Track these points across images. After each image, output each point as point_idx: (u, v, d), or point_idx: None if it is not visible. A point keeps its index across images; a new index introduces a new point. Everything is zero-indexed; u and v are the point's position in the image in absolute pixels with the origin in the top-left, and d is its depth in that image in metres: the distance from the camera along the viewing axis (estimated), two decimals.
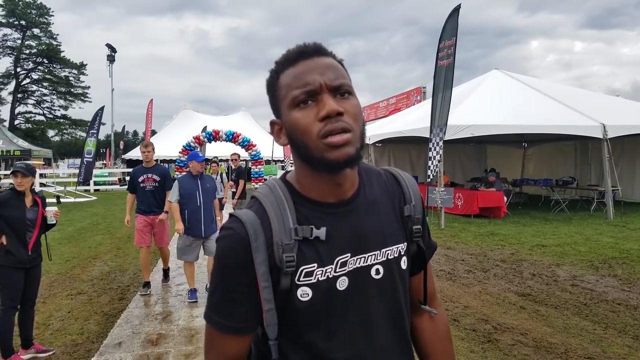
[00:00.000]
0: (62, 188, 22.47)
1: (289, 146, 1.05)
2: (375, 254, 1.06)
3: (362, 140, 0.98)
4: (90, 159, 20.45)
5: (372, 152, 16.41)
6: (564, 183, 14.86)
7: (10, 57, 53.28)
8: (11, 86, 53.72)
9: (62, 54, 55.09)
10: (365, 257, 1.05)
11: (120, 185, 25.96)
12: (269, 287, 0.98)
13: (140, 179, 6.19)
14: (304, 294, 1.00)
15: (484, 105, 12.90)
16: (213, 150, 27.08)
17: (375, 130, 16.40)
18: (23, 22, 52.52)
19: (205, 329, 1.08)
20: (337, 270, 1.02)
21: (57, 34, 54.99)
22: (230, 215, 1.05)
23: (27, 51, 53.68)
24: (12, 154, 17.79)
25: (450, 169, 16.77)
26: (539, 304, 5.42)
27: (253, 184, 19.25)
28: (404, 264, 1.13)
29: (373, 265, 1.06)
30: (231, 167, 11.09)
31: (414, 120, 14.65)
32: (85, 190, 23.90)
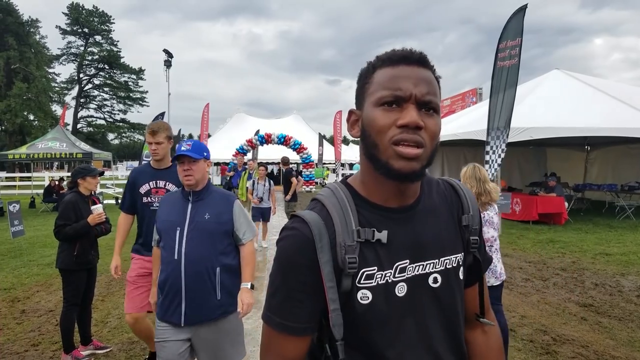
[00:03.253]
0: (120, 190, 23.43)
1: (342, 150, 1.04)
2: (434, 262, 1.06)
3: (431, 159, 0.99)
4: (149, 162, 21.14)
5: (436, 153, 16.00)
6: (630, 188, 14.04)
7: (74, 63, 56.59)
8: (74, 91, 57.10)
9: (122, 60, 57.90)
10: (423, 265, 1.05)
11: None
12: (334, 287, 0.98)
13: (144, 190, 3.51)
14: (364, 296, 1.00)
15: (544, 107, 12.37)
16: (265, 152, 27.49)
17: None
18: (86, 30, 55.61)
19: (264, 331, 1.07)
20: (396, 275, 1.02)
21: (118, 41, 57.88)
22: (293, 215, 1.06)
23: (90, 57, 56.74)
24: (74, 156, 18.64)
25: (507, 173, 16.24)
26: (602, 315, 5.14)
27: (304, 187, 19.33)
28: (461, 274, 1.12)
29: (431, 273, 1.06)
30: (282, 169, 11.09)
31: (469, 122, 14.24)
32: None
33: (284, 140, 24.15)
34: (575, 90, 13.51)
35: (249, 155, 24.05)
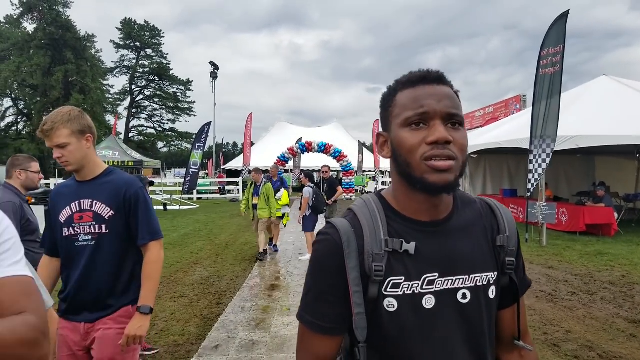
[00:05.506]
0: (168, 196, 24.10)
1: (380, 158, 1.12)
2: (463, 278, 1.08)
3: (463, 169, 1.03)
4: (196, 170, 21.79)
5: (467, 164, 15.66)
6: None
7: (127, 75, 59.30)
8: (127, 102, 59.69)
9: (171, 72, 60.05)
10: (452, 280, 1.07)
11: (220, 195, 27.36)
12: (360, 292, 1.04)
13: (64, 217, 2.26)
14: (390, 304, 1.04)
15: (591, 114, 11.97)
16: (306, 161, 27.70)
17: (470, 141, 15.75)
18: (138, 44, 58.11)
19: (299, 328, 1.15)
20: (424, 287, 1.05)
21: (167, 53, 60.02)
22: (327, 221, 1.14)
23: (141, 70, 59.24)
24: (126, 164, 19.50)
25: (554, 182, 15.79)
26: None
27: (343, 195, 19.34)
28: (492, 293, 1.12)
29: (460, 289, 1.07)
30: (323, 178, 11.21)
31: (512, 130, 13.93)
32: (189, 199, 25.38)
33: (324, 149, 24.25)
34: (625, 96, 12.96)
35: (291, 164, 24.32)
